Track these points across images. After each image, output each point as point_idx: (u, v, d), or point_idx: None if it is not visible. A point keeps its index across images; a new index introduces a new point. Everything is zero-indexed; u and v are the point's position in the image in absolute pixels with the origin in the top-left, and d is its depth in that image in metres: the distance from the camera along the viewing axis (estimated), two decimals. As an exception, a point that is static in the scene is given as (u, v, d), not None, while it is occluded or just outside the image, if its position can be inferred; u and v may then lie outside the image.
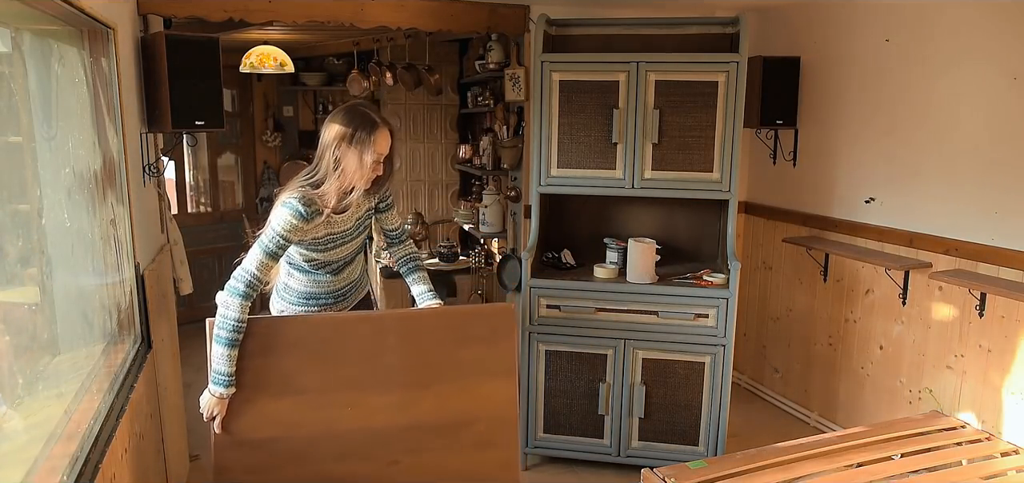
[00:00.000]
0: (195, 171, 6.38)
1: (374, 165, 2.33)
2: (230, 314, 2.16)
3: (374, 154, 2.31)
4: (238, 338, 2.18)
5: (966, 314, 3.20)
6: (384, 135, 2.34)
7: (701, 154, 3.30)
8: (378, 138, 2.31)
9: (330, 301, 2.56)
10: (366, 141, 2.29)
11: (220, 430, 2.22)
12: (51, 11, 2.00)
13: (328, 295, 2.55)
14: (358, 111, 2.35)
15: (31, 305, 1.91)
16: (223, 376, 2.17)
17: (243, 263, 2.21)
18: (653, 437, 3.45)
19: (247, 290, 2.17)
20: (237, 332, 2.17)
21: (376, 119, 2.34)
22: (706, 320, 3.29)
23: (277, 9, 3.53)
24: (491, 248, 5.13)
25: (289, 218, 2.21)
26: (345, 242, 2.47)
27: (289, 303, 2.55)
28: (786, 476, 2.45)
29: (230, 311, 2.16)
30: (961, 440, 2.71)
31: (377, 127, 2.31)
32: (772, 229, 4.40)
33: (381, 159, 2.36)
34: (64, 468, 1.67)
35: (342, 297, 2.59)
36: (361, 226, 2.53)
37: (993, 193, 3.05)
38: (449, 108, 6.34)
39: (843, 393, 3.94)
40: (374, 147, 2.30)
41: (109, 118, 2.49)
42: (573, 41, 3.60)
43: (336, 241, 2.43)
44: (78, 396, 2.02)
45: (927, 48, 3.34)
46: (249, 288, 2.17)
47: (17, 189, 1.89)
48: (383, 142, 2.34)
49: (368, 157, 2.29)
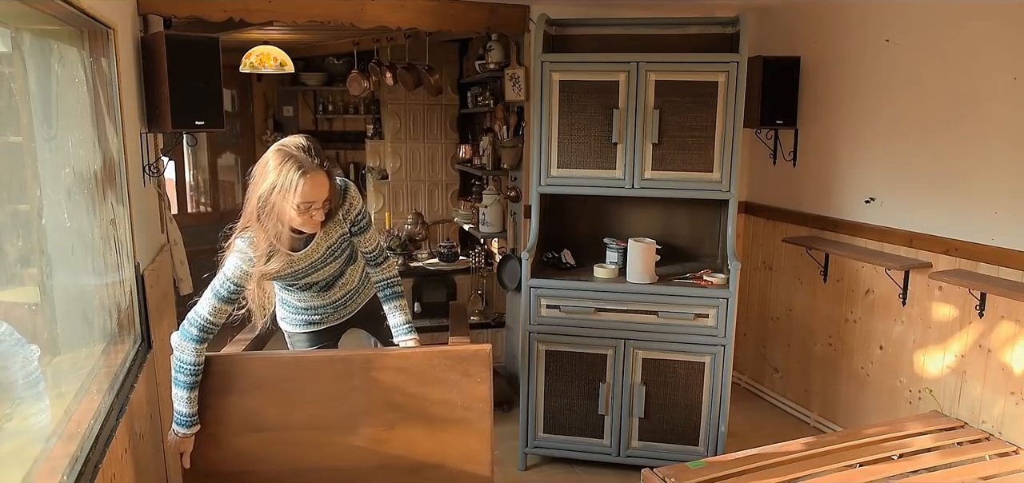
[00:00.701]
0: (195, 171, 6.38)
1: (301, 216, 2.10)
2: (186, 358, 2.14)
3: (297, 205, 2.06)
4: (195, 380, 2.17)
5: (966, 314, 3.20)
6: (309, 182, 2.05)
7: (701, 154, 3.30)
8: (302, 187, 2.04)
9: (329, 311, 2.54)
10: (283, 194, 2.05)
11: (188, 465, 2.25)
12: (51, 11, 2.00)
13: (324, 307, 2.52)
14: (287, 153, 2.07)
15: (31, 305, 1.91)
16: (185, 417, 2.19)
17: (197, 307, 2.14)
18: (653, 437, 3.45)
19: (200, 334, 2.13)
20: (194, 375, 2.16)
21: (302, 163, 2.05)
22: (706, 320, 3.29)
23: (277, 9, 3.53)
24: (491, 248, 5.13)
25: (239, 264, 2.12)
26: (317, 269, 2.34)
27: (290, 312, 2.55)
28: (786, 476, 2.46)
29: (185, 355, 2.14)
30: (961, 440, 2.72)
31: (304, 173, 2.04)
32: (772, 229, 4.40)
33: (312, 206, 2.10)
34: (64, 468, 1.67)
35: (340, 306, 2.55)
36: (335, 252, 2.36)
37: (993, 193, 3.05)
38: (449, 108, 6.34)
39: (843, 393, 3.94)
40: (294, 199, 2.05)
41: (109, 118, 2.49)
42: (573, 41, 3.60)
43: (306, 272, 2.32)
44: (78, 396, 2.02)
45: (927, 48, 3.34)
46: (202, 332, 2.13)
47: (17, 189, 1.89)
48: (309, 190, 2.06)
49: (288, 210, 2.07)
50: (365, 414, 2.31)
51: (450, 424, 2.33)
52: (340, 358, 2.33)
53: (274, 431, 2.28)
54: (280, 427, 2.28)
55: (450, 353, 2.33)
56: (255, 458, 2.29)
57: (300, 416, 2.29)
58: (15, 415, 1.68)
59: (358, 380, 2.29)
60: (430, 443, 2.35)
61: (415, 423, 2.33)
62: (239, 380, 2.25)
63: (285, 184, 2.04)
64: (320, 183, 2.09)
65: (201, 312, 2.13)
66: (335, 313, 2.57)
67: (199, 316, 2.13)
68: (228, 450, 2.27)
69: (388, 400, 2.31)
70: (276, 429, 2.28)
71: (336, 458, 2.31)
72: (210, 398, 2.24)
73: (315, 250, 2.29)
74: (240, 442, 2.28)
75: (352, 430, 2.31)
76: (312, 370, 2.30)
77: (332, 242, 2.34)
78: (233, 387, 2.25)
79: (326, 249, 2.32)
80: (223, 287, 2.13)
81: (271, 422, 2.28)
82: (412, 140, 6.32)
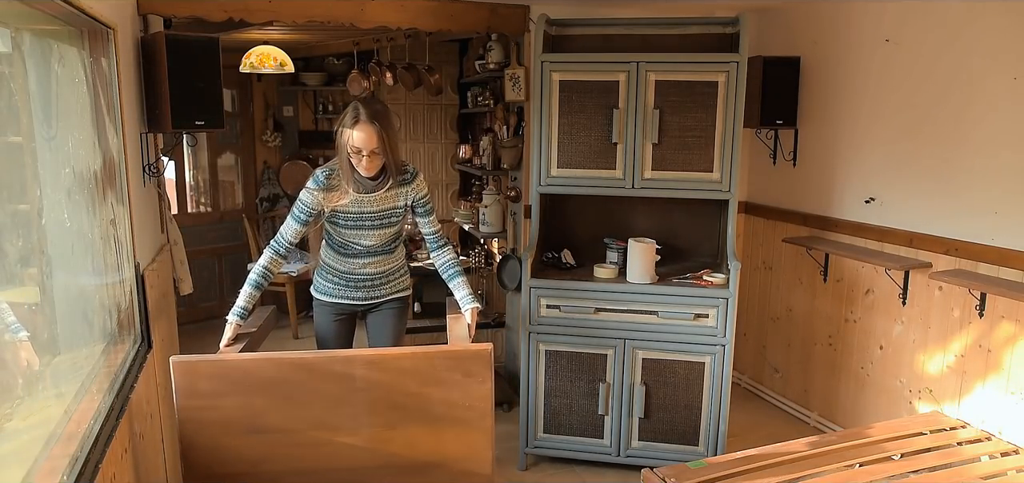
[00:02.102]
0: (195, 171, 6.38)
1: (354, 157, 2.58)
2: (263, 262, 2.64)
3: (351, 147, 2.56)
4: (262, 282, 2.62)
5: (966, 314, 3.20)
6: (359, 131, 2.54)
7: (701, 154, 3.30)
8: (354, 134, 2.54)
9: (355, 284, 2.84)
10: (344, 134, 2.58)
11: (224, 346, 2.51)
12: (51, 11, 2.00)
13: (353, 277, 2.82)
14: (351, 106, 2.60)
15: (31, 305, 1.91)
16: (241, 309, 2.57)
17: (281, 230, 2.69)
18: (653, 437, 3.45)
19: (275, 245, 2.67)
20: (262, 277, 2.63)
21: (357, 114, 2.55)
22: (706, 320, 3.29)
23: (277, 9, 3.53)
24: (491, 248, 5.13)
25: (309, 185, 2.65)
26: (369, 223, 2.72)
27: (323, 275, 2.89)
28: (786, 476, 2.46)
29: (261, 259, 2.65)
30: (961, 440, 2.72)
31: (356, 123, 2.54)
32: (772, 229, 4.40)
33: (362, 152, 2.56)
34: (64, 468, 1.67)
35: (366, 284, 2.85)
36: (389, 217, 2.75)
37: (993, 193, 3.05)
38: (449, 108, 6.34)
39: (843, 393, 3.94)
40: (349, 142, 2.56)
41: (109, 118, 2.49)
42: (573, 41, 3.60)
43: (358, 219, 2.71)
44: (78, 396, 2.01)
45: (927, 48, 3.34)
46: (276, 244, 2.67)
47: (17, 189, 1.88)
48: (358, 138, 2.54)
49: (345, 150, 2.58)
50: (367, 414, 2.31)
51: (451, 423, 2.33)
52: (342, 358, 2.34)
53: (276, 432, 2.28)
54: (282, 429, 2.28)
55: (452, 353, 2.34)
56: (257, 459, 2.29)
57: (302, 417, 2.29)
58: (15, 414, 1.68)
59: (360, 381, 2.29)
60: (431, 442, 2.35)
61: (417, 423, 2.33)
62: (241, 382, 2.25)
63: (342, 127, 2.59)
64: (367, 133, 2.53)
65: (281, 231, 2.69)
66: (359, 290, 2.84)
67: (279, 233, 2.69)
68: (230, 451, 2.27)
69: (390, 400, 2.31)
70: (278, 431, 2.28)
71: (338, 458, 2.31)
72: (211, 400, 2.23)
73: (373, 202, 2.70)
74: (242, 443, 2.27)
75: (354, 430, 2.31)
76: (315, 371, 2.29)
77: (391, 206, 2.74)
78: (235, 389, 2.25)
79: (382, 208, 2.73)
80: (296, 208, 2.67)
81: (273, 424, 2.28)
82: (412, 140, 6.32)
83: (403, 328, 3.00)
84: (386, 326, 2.92)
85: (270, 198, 6.70)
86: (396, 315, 2.94)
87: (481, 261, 4.84)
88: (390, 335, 2.92)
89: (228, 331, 2.54)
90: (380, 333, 2.93)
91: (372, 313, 2.94)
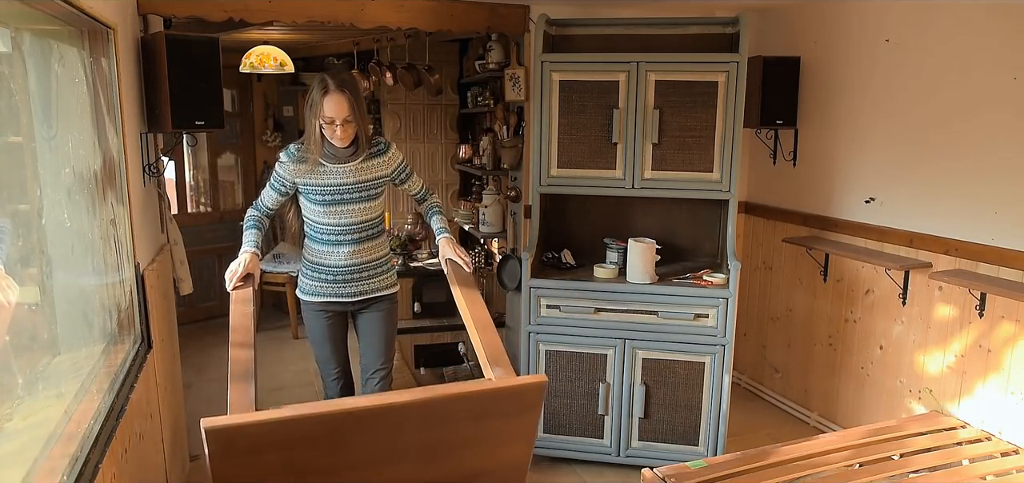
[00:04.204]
0: (195, 171, 6.38)
1: (328, 128, 2.60)
2: (249, 213, 2.79)
3: (324, 117, 2.58)
4: (257, 225, 2.75)
5: (966, 314, 3.20)
6: (330, 100, 2.55)
7: (701, 154, 3.30)
8: (324, 104, 2.56)
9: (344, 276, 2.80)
10: (315, 104, 2.59)
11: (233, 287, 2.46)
12: (51, 11, 2.00)
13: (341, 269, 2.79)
14: (317, 79, 2.61)
15: (31, 305, 1.91)
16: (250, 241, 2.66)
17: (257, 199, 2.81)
18: (653, 437, 3.45)
19: (255, 206, 2.80)
20: (257, 223, 2.75)
21: (326, 85, 2.56)
22: (706, 320, 3.29)
23: (277, 9, 3.53)
24: (491, 248, 5.13)
25: (281, 158, 2.73)
26: (347, 194, 2.73)
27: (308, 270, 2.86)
28: (786, 476, 2.46)
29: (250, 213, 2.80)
30: (961, 440, 2.72)
31: (326, 93, 2.55)
32: (772, 229, 4.40)
33: (334, 122, 2.57)
34: (64, 468, 1.67)
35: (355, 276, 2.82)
36: (368, 188, 2.76)
37: (993, 193, 3.05)
38: (449, 108, 6.33)
39: (843, 393, 3.94)
40: (321, 114, 2.57)
41: (109, 118, 2.49)
42: (573, 41, 3.60)
43: (336, 191, 2.71)
44: (78, 396, 2.01)
45: (927, 48, 3.34)
46: (256, 207, 2.80)
47: (17, 189, 1.88)
48: (331, 107, 2.55)
49: (316, 120, 2.59)
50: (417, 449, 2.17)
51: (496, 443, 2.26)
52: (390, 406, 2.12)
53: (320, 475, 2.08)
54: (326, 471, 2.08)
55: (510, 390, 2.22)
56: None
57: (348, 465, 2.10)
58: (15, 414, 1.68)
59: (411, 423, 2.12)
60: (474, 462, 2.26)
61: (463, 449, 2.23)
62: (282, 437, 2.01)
63: (312, 99, 2.60)
64: (338, 101, 2.55)
65: (261, 198, 2.80)
66: (346, 285, 2.80)
67: (260, 200, 2.80)
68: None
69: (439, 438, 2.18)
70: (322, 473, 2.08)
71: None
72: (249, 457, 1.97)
73: (347, 174, 2.71)
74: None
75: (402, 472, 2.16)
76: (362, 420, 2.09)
77: (367, 178, 2.74)
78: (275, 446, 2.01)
79: (360, 180, 2.73)
80: (273, 180, 2.76)
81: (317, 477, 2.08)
82: (412, 140, 6.31)
83: (395, 329, 2.96)
84: (377, 329, 2.88)
85: (270, 198, 6.69)
86: (386, 316, 2.89)
87: (481, 261, 4.84)
88: (382, 338, 2.87)
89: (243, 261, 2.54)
90: (372, 336, 2.88)
91: (362, 314, 2.89)
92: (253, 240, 2.67)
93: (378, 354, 2.89)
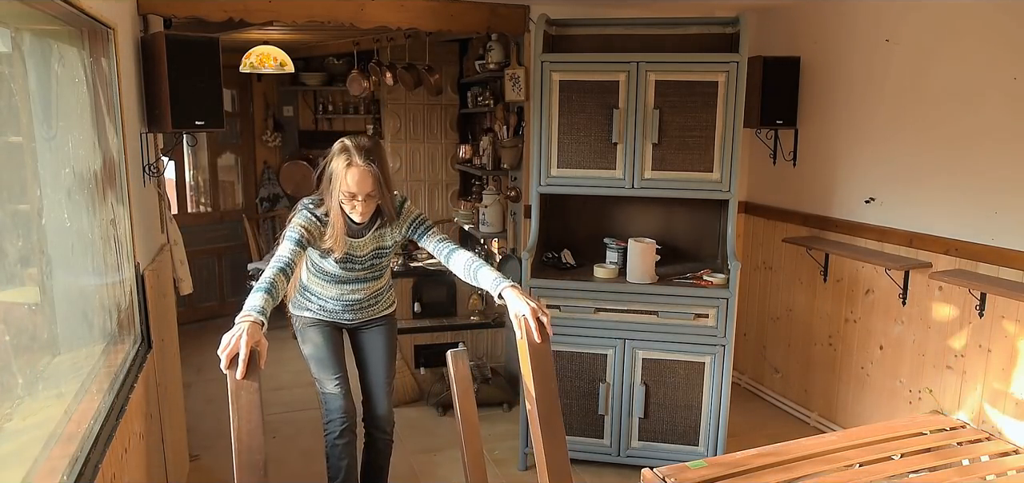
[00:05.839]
0: (195, 171, 6.38)
1: (347, 202, 2.40)
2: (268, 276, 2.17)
3: (344, 193, 2.38)
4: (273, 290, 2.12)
5: (966, 314, 3.20)
6: (354, 174, 2.35)
7: (701, 154, 3.30)
8: (347, 178, 2.35)
9: (345, 307, 2.69)
10: (337, 175, 2.38)
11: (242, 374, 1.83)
12: (51, 11, 2.00)
13: (341, 301, 2.68)
14: (338, 148, 2.41)
15: (31, 305, 1.91)
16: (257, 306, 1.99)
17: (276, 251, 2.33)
18: (653, 437, 3.45)
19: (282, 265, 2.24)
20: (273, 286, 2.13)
21: (350, 156, 2.35)
22: (706, 320, 3.29)
23: (277, 9, 3.53)
24: (491, 248, 5.12)
25: (303, 213, 2.43)
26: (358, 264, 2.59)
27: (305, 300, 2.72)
28: (786, 476, 2.45)
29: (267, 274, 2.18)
30: (961, 440, 2.71)
31: (349, 165, 2.35)
32: (772, 229, 4.40)
33: (356, 198, 2.38)
34: (64, 468, 1.67)
35: (356, 308, 2.71)
36: (380, 254, 2.63)
37: (993, 193, 3.05)
38: (449, 108, 6.33)
39: (843, 393, 3.94)
40: (342, 187, 2.37)
41: (109, 118, 2.49)
42: (573, 41, 3.60)
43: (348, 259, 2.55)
44: (78, 396, 2.01)
45: (927, 48, 3.33)
46: (279, 261, 2.25)
47: (17, 189, 1.88)
48: (354, 181, 2.35)
49: (337, 194, 2.38)
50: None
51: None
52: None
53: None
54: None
55: None
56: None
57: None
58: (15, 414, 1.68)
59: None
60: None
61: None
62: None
63: (334, 168, 2.38)
64: (362, 176, 2.35)
65: (280, 252, 2.30)
66: (346, 313, 2.71)
67: (280, 255, 2.28)
68: None
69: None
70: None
71: None
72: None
73: (364, 245, 2.55)
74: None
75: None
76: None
77: (380, 246, 2.60)
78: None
79: (371, 250, 2.59)
80: (294, 231, 2.37)
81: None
82: (412, 140, 6.31)
83: (396, 343, 2.91)
84: (379, 344, 2.82)
85: (270, 198, 6.70)
86: (387, 332, 2.84)
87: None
88: (384, 353, 2.82)
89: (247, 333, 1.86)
90: (374, 352, 2.82)
91: (362, 331, 2.82)
92: (260, 305, 2.02)
93: (381, 368, 2.82)
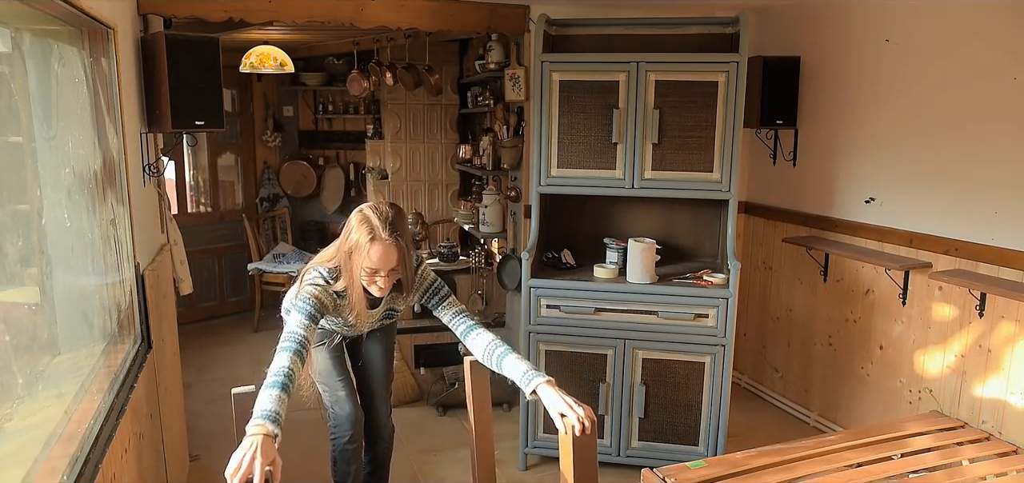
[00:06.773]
0: (195, 171, 6.38)
1: (368, 277, 2.22)
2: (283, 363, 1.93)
3: (367, 267, 2.19)
4: (289, 385, 1.89)
5: (966, 314, 3.20)
6: (379, 250, 2.16)
7: (701, 154, 3.30)
8: (371, 253, 2.16)
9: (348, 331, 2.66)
10: (359, 248, 2.18)
11: None
12: (51, 11, 2.00)
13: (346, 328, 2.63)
14: (359, 218, 2.22)
15: (31, 305, 1.91)
16: (271, 412, 1.77)
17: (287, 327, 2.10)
18: (653, 437, 3.45)
19: (296, 347, 2.00)
20: (288, 379, 1.90)
21: (373, 230, 2.16)
22: (706, 320, 3.29)
23: (277, 9, 3.53)
24: (491, 248, 5.12)
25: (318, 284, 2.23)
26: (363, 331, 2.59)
27: None
28: (786, 476, 2.45)
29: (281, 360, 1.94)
30: (961, 440, 2.71)
31: (372, 240, 2.16)
32: (772, 229, 4.40)
33: (378, 273, 2.21)
34: (64, 468, 1.67)
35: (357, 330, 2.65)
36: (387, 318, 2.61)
37: (993, 193, 3.05)
38: (449, 108, 6.34)
39: (843, 393, 3.94)
40: (367, 260, 2.18)
41: (109, 118, 2.49)
42: (573, 41, 3.60)
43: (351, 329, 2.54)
44: (78, 396, 2.01)
45: (927, 48, 3.34)
46: (299, 345, 2.01)
47: (17, 189, 1.88)
48: (377, 257, 2.17)
49: (358, 269, 2.20)
50: None
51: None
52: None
53: None
54: None
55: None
56: None
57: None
58: (15, 414, 1.68)
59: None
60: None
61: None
62: None
63: (355, 240, 2.19)
64: (387, 252, 2.18)
65: (292, 329, 2.07)
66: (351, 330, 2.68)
67: (292, 333, 2.05)
68: None
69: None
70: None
71: None
72: None
73: (377, 312, 2.48)
74: None
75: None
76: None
77: (394, 308, 2.55)
78: None
79: (386, 310, 2.52)
80: (307, 304, 2.16)
81: None
82: (412, 140, 6.31)
83: (394, 349, 2.90)
84: (378, 352, 2.80)
85: (270, 198, 6.70)
86: (385, 338, 2.81)
87: (481, 261, 4.84)
88: (383, 360, 2.81)
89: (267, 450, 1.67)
90: (372, 360, 2.80)
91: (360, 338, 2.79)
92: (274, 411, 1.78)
93: (380, 376, 2.81)
